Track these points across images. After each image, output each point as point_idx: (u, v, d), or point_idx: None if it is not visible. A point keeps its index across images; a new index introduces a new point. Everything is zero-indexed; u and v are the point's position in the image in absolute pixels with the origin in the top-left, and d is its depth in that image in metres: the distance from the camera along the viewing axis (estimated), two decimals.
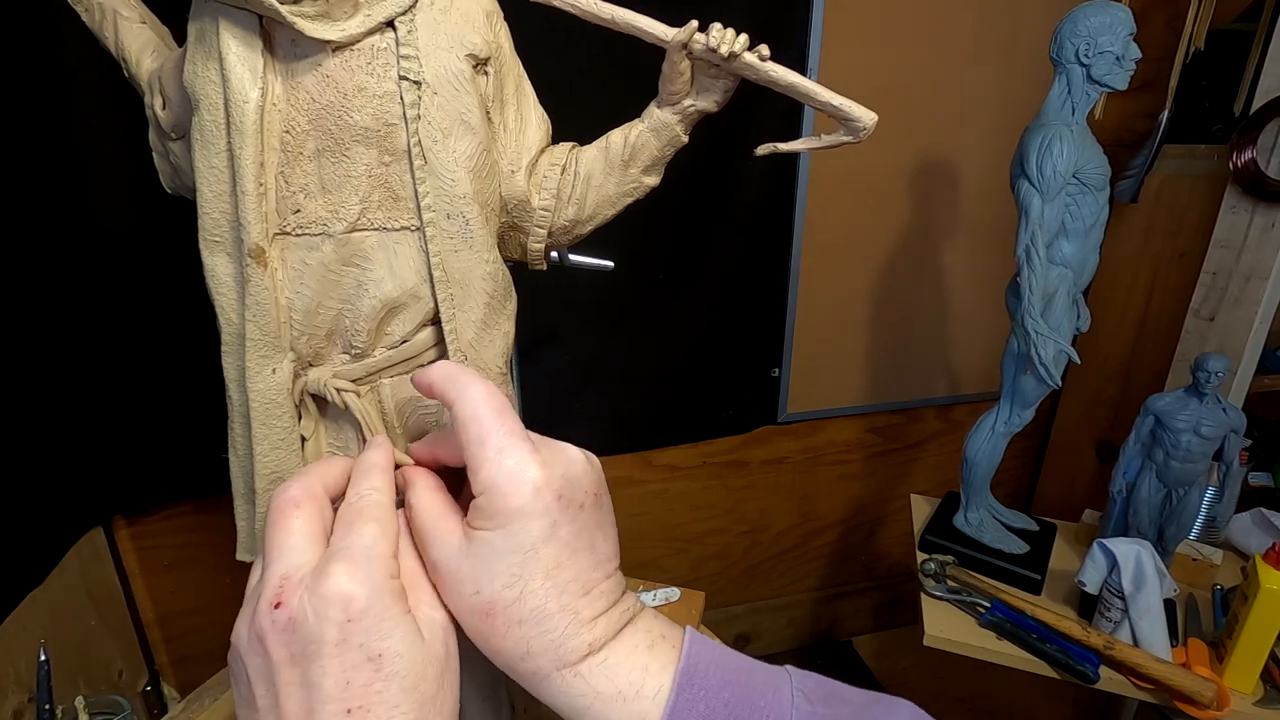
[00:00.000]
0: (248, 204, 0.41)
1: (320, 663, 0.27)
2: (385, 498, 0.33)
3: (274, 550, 0.30)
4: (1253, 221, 1.23)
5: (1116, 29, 0.85)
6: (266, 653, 0.28)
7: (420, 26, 0.42)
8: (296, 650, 0.27)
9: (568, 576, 0.31)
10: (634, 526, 1.50)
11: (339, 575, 0.28)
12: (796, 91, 0.45)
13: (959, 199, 1.44)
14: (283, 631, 0.28)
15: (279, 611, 0.28)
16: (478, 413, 0.31)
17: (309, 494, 0.32)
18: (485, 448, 0.31)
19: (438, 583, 0.32)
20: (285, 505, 0.31)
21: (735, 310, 1.37)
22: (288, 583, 0.28)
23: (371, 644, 0.28)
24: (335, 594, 0.28)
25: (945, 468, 1.68)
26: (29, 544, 0.91)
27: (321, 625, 0.27)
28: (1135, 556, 0.90)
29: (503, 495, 0.30)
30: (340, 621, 0.27)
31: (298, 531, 0.30)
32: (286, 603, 0.28)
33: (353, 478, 0.34)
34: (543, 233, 0.52)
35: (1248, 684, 0.87)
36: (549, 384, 1.29)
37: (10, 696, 0.83)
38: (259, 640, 0.28)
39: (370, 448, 0.36)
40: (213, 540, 1.17)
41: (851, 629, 1.83)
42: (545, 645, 0.31)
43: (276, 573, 0.29)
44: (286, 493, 0.31)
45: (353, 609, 0.28)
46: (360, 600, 0.28)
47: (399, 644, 0.28)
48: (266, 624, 0.28)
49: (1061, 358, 0.96)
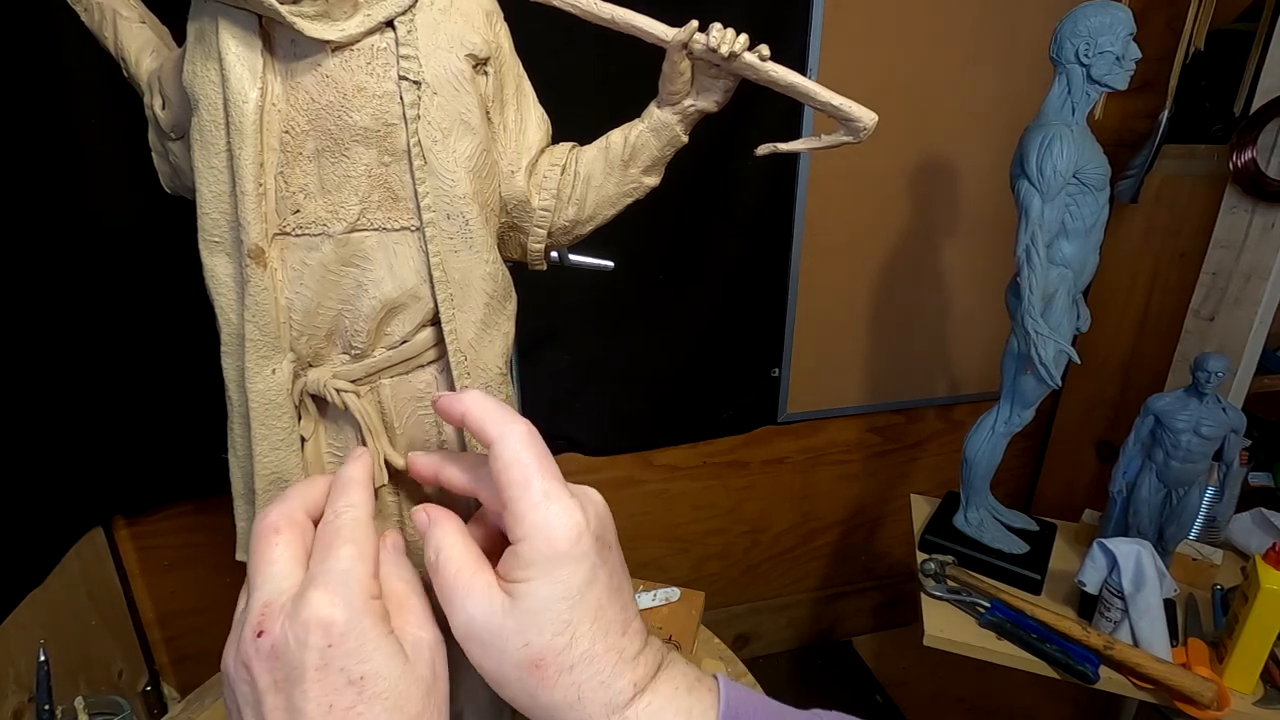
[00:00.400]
0: (247, 204, 0.41)
1: (303, 688, 0.27)
2: (363, 514, 0.33)
3: (257, 578, 0.30)
4: (1253, 221, 1.23)
5: (1116, 29, 0.85)
6: (253, 679, 0.28)
7: (420, 26, 0.42)
8: (280, 676, 0.28)
9: (610, 616, 0.31)
10: (634, 526, 1.50)
11: (318, 601, 0.28)
12: (796, 91, 0.45)
13: (959, 199, 1.44)
14: (266, 659, 0.28)
15: (262, 640, 0.28)
16: (520, 457, 0.31)
17: (288, 519, 0.32)
18: (529, 492, 0.31)
19: (472, 641, 0.31)
20: (265, 532, 0.31)
21: (735, 310, 1.37)
22: (269, 610, 0.29)
23: (352, 667, 0.28)
24: (315, 620, 0.28)
25: (945, 468, 1.68)
26: (29, 544, 0.91)
27: (303, 651, 0.28)
28: (1135, 556, 0.90)
29: (549, 541, 0.30)
30: (320, 647, 0.28)
31: (279, 559, 0.31)
32: (269, 630, 0.28)
33: (330, 494, 0.34)
34: (543, 233, 0.52)
35: (1248, 684, 0.87)
36: (549, 384, 1.29)
37: (10, 696, 0.83)
38: (245, 667, 0.29)
39: (349, 461, 0.36)
40: (213, 540, 1.17)
41: (851, 629, 1.83)
42: (595, 688, 0.30)
43: (259, 600, 0.29)
44: (266, 519, 0.32)
45: (332, 633, 0.28)
46: (339, 625, 0.28)
47: (381, 666, 0.29)
48: (251, 651, 0.28)
49: (1061, 358, 0.96)
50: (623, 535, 0.35)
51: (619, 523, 0.35)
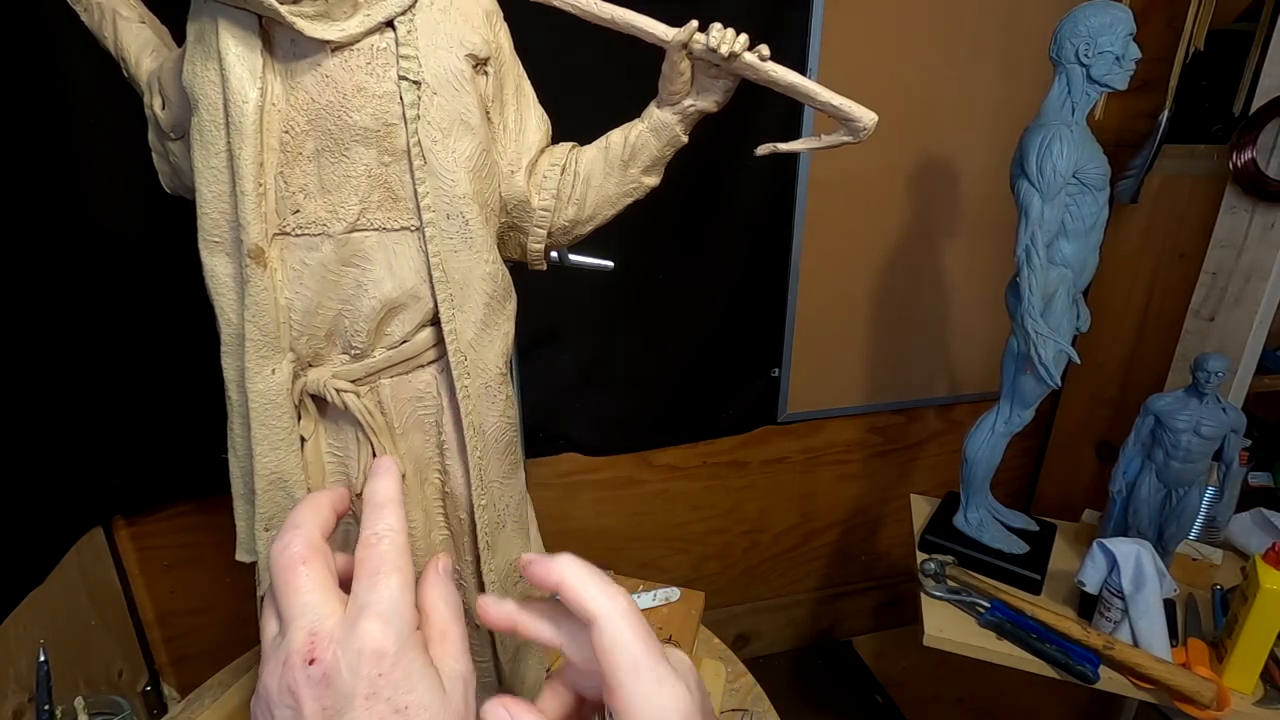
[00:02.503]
0: (247, 204, 0.41)
1: (351, 715, 0.28)
2: (403, 539, 0.33)
3: (293, 609, 0.31)
4: (1253, 221, 1.23)
5: (1116, 29, 0.85)
6: (298, 705, 0.29)
7: (420, 26, 0.42)
8: (329, 704, 0.29)
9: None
10: (634, 526, 1.50)
11: (371, 631, 0.29)
12: (796, 91, 0.45)
13: (959, 199, 1.44)
14: (317, 685, 0.29)
15: (314, 668, 0.29)
16: (627, 639, 0.31)
17: (312, 548, 0.32)
18: (640, 681, 0.30)
19: None
20: (292, 562, 0.32)
21: (735, 310, 1.37)
22: (317, 639, 0.29)
23: (398, 697, 0.29)
24: (369, 649, 0.29)
25: (945, 468, 1.68)
26: (29, 544, 0.91)
27: (355, 680, 0.29)
28: (1135, 556, 0.90)
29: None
30: (371, 676, 0.29)
31: (311, 588, 0.31)
32: (320, 658, 0.29)
33: (366, 513, 0.34)
34: (542, 233, 0.52)
35: (1248, 684, 0.87)
36: (549, 384, 1.29)
37: (10, 696, 0.83)
38: (290, 693, 0.29)
39: (379, 474, 0.35)
40: (213, 540, 1.17)
41: (851, 629, 1.83)
42: None
43: (303, 629, 0.30)
44: (289, 549, 0.32)
45: (383, 664, 0.29)
46: (390, 655, 0.29)
47: (424, 696, 0.29)
48: (301, 678, 0.29)
49: (1061, 358, 0.96)
50: (623, 535, 0.35)
51: (619, 522, 0.35)
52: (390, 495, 0.35)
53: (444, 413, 0.49)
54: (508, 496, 0.52)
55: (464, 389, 0.47)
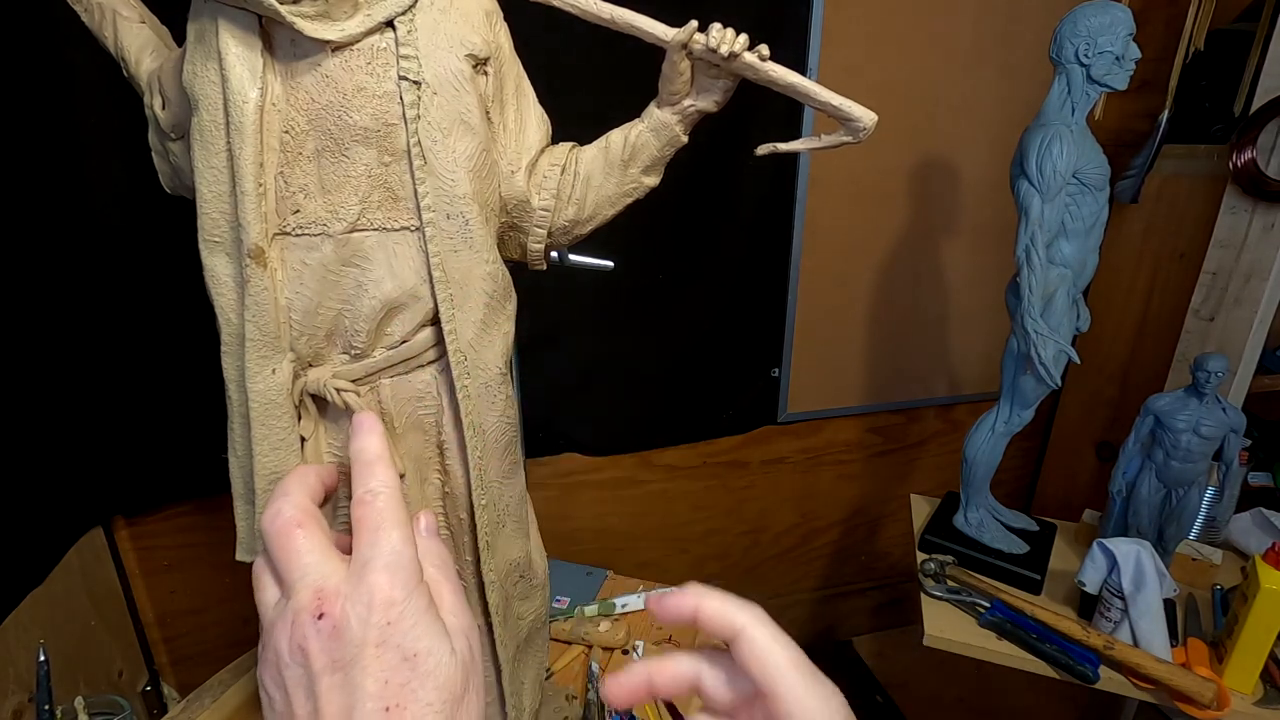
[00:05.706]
0: (247, 204, 0.41)
1: (362, 664, 0.28)
2: (397, 494, 0.34)
3: (295, 570, 0.31)
4: (1253, 221, 1.23)
5: (1116, 29, 0.85)
6: (308, 662, 0.29)
7: (420, 27, 0.42)
8: (339, 656, 0.29)
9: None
10: (634, 526, 1.50)
11: (379, 582, 0.30)
12: (796, 91, 0.45)
13: (959, 199, 1.44)
14: (328, 639, 0.29)
15: (323, 621, 0.29)
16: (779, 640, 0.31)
17: (305, 512, 0.33)
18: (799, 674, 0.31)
19: None
20: (287, 527, 0.32)
21: (735, 310, 1.37)
22: (324, 594, 0.30)
23: (408, 644, 0.29)
24: (379, 600, 0.29)
25: (945, 468, 1.68)
26: (29, 544, 0.91)
27: (365, 629, 0.29)
28: (1135, 556, 0.90)
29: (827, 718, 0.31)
30: (381, 625, 0.29)
31: (310, 549, 0.31)
32: (329, 612, 0.29)
33: (356, 471, 0.35)
34: (543, 233, 0.52)
35: (1248, 684, 0.87)
36: (549, 384, 1.29)
37: (10, 696, 0.83)
38: (301, 650, 0.29)
39: (361, 433, 0.35)
40: (213, 540, 1.17)
41: (851, 629, 1.83)
42: None
43: (308, 586, 0.30)
44: (282, 515, 0.32)
45: (392, 612, 0.29)
46: (399, 604, 0.30)
47: (432, 644, 0.30)
48: (311, 632, 0.29)
49: (1061, 358, 0.96)
50: (623, 535, 0.35)
51: (619, 522, 0.35)
52: (378, 451, 0.35)
53: (444, 413, 0.49)
54: (508, 496, 0.53)
55: (464, 389, 0.47)
